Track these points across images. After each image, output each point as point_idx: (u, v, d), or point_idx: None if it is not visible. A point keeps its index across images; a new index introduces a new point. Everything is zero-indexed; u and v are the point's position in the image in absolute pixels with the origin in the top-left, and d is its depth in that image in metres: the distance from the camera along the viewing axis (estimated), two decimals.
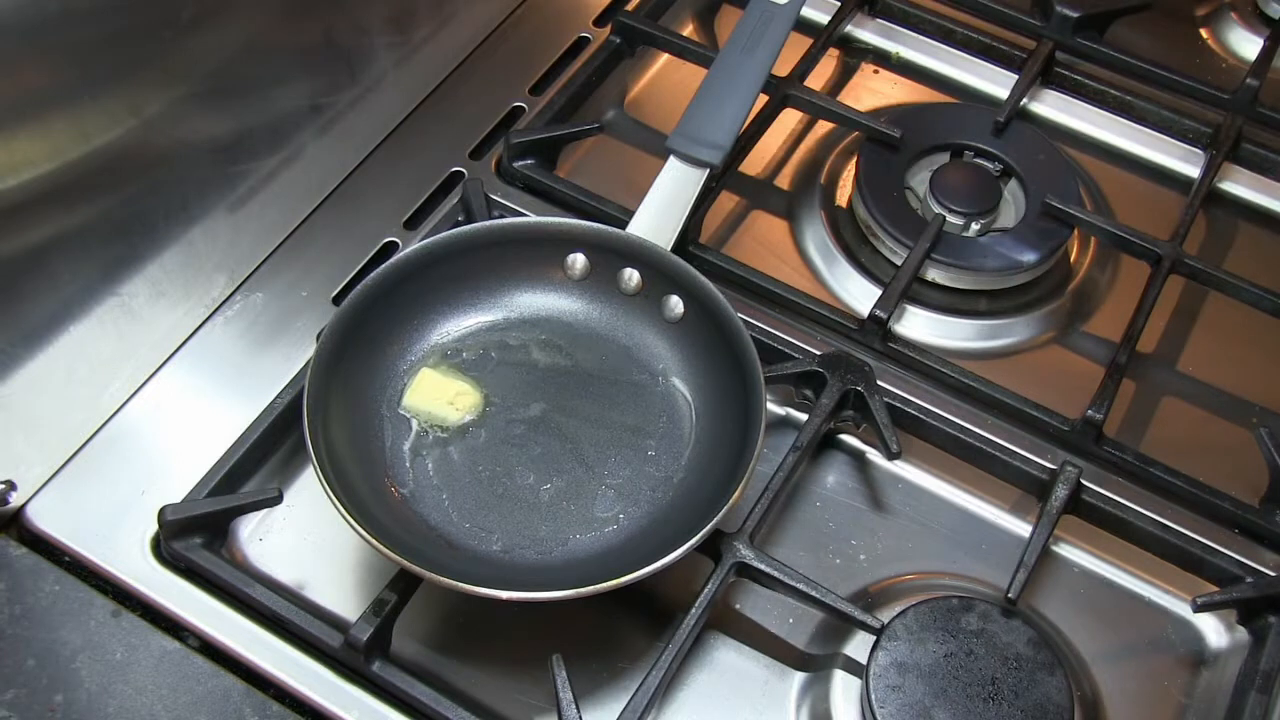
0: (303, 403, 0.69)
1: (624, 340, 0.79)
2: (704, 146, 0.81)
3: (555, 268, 0.80)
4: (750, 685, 0.71)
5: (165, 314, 0.80)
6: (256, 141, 0.84)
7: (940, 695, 0.66)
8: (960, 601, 0.70)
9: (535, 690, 0.69)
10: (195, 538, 0.71)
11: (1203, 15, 1.08)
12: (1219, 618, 0.75)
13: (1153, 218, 0.91)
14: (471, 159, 0.92)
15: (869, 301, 0.83)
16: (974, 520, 0.78)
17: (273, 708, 0.67)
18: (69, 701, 0.66)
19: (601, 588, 0.64)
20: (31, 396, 0.74)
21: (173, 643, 0.69)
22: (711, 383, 0.76)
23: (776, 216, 0.92)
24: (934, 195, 0.89)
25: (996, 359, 0.85)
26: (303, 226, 0.87)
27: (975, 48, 1.02)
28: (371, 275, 0.75)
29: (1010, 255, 0.86)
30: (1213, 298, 0.89)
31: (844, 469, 0.80)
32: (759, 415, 0.70)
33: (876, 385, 0.78)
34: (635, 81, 1.00)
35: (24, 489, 0.74)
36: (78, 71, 0.70)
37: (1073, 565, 0.77)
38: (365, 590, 0.71)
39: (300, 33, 0.85)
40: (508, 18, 1.01)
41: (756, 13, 0.86)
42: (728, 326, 0.74)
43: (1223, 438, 0.82)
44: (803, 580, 0.69)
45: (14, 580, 0.70)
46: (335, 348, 0.72)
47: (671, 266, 0.77)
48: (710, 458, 0.73)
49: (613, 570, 0.65)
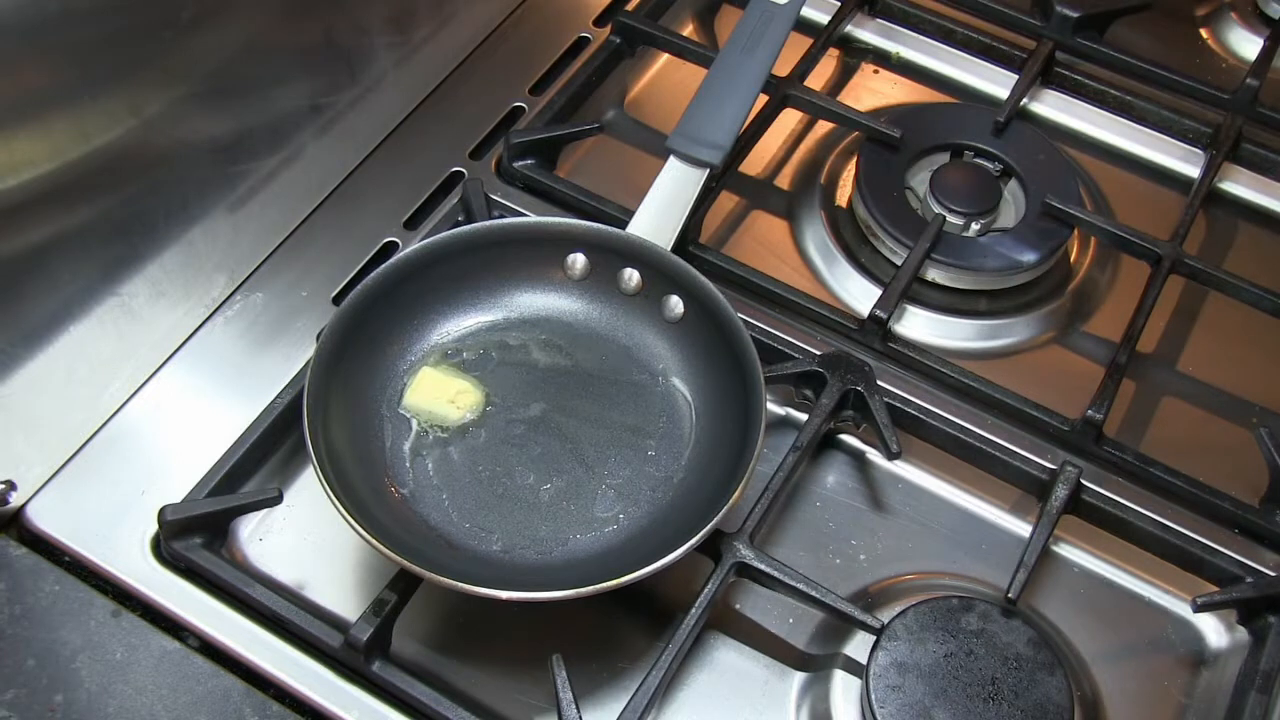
0: (303, 403, 0.69)
1: (624, 340, 0.79)
2: (704, 146, 0.81)
3: (555, 268, 0.80)
4: (750, 685, 0.71)
5: (165, 314, 0.80)
6: (256, 141, 0.84)
7: (940, 695, 0.66)
8: (960, 601, 0.70)
9: (535, 690, 0.69)
10: (195, 538, 0.71)
11: (1203, 15, 1.08)
12: (1219, 618, 0.75)
13: (1153, 218, 0.91)
14: (471, 159, 0.92)
15: (869, 301, 0.83)
16: (974, 520, 0.78)
17: (273, 708, 0.67)
18: (69, 701, 0.66)
19: (602, 588, 0.64)
20: (31, 396, 0.74)
21: (173, 643, 0.69)
22: (711, 383, 0.76)
23: (776, 216, 0.92)
24: (934, 195, 0.89)
25: (996, 359, 0.85)
26: (303, 226, 0.87)
27: (975, 48, 1.02)
28: (371, 275, 0.75)
29: (1010, 255, 0.86)
30: (1213, 298, 0.89)
31: (844, 469, 0.80)
32: (759, 415, 0.70)
33: (876, 385, 0.78)
34: (635, 81, 1.00)
35: (24, 489, 0.74)
36: (78, 71, 0.70)
37: (1073, 565, 0.77)
38: (365, 590, 0.71)
39: (300, 33, 0.85)
40: (508, 18, 1.01)
41: (756, 13, 0.86)
42: (728, 327, 0.74)
43: (1223, 438, 0.82)
44: (803, 580, 0.69)
45: (14, 580, 0.70)
46: (335, 348, 0.72)
47: (671, 266, 0.77)
48: (710, 458, 0.73)
49: (612, 570, 0.65)
